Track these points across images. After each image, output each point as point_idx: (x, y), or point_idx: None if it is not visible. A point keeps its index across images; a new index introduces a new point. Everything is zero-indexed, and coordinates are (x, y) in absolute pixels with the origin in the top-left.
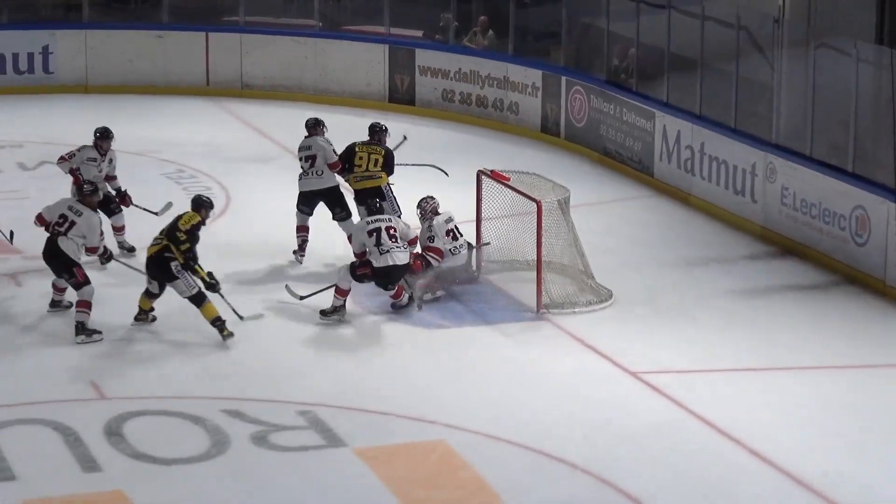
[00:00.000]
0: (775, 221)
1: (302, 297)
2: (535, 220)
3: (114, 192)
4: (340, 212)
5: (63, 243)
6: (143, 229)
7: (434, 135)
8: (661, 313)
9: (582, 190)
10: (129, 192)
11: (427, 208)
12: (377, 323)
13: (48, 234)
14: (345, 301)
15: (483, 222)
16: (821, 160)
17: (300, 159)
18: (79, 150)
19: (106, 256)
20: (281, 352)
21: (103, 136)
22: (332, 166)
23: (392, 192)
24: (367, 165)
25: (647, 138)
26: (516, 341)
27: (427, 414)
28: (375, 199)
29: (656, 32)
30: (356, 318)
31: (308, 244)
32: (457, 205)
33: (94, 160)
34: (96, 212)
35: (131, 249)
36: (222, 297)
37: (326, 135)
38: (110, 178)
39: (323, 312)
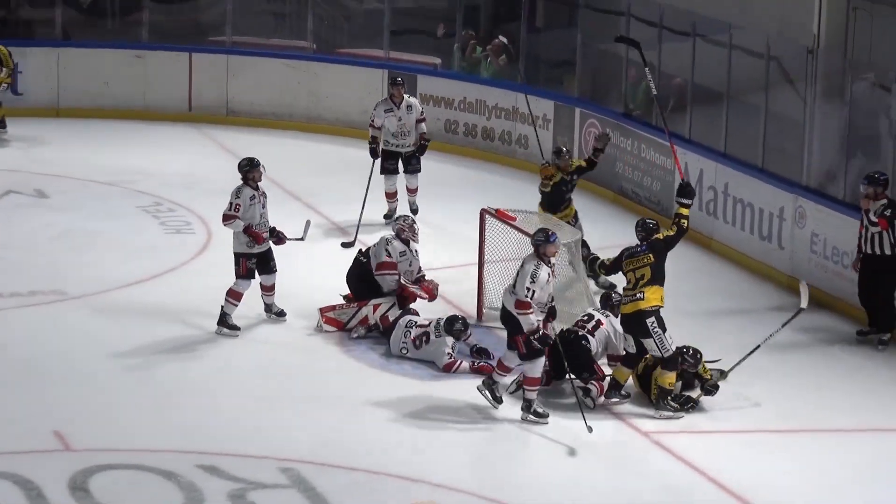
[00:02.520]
0: (804, 270)
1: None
2: None
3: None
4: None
5: None
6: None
7: (436, 170)
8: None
9: (595, 232)
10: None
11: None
12: (366, 373)
13: None
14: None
15: (486, 265)
16: (855, 205)
17: None
18: (236, 195)
19: None
20: (261, 403)
21: (252, 165)
22: None
23: None
24: None
25: (667, 177)
26: (518, 395)
27: (418, 473)
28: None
29: (679, 62)
30: (343, 369)
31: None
32: (458, 246)
33: (254, 199)
34: None
35: (281, 314)
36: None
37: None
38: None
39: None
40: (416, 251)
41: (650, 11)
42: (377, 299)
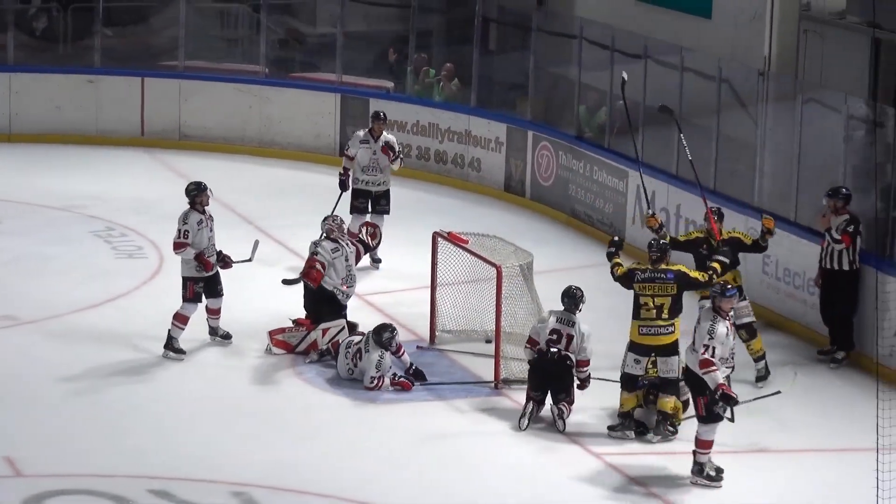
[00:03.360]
0: (756, 292)
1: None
2: (495, 286)
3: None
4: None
5: None
6: None
7: None
8: None
9: (547, 255)
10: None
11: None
12: (319, 397)
13: None
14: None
15: (438, 288)
16: (806, 225)
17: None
18: (184, 221)
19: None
20: (212, 427)
21: (199, 189)
22: None
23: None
24: None
25: (620, 199)
26: (472, 419)
27: (372, 497)
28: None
29: (631, 84)
30: (293, 392)
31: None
32: (410, 269)
33: (202, 223)
34: None
35: (226, 337)
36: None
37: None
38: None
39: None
40: (349, 246)
41: (602, 34)
42: (326, 323)
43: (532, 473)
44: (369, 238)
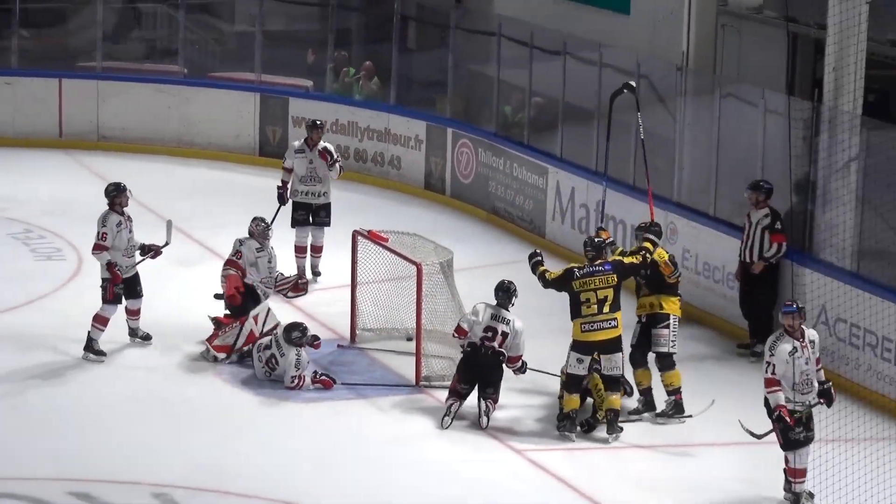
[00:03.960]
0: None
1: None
2: (416, 284)
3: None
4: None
5: None
6: None
7: None
8: (552, 387)
9: (468, 252)
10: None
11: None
12: (239, 396)
13: None
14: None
15: (358, 287)
16: (725, 220)
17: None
18: (103, 223)
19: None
20: (132, 428)
21: (119, 190)
22: None
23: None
24: None
25: (540, 196)
26: (393, 417)
27: (293, 496)
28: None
29: (550, 81)
30: (213, 392)
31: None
32: (330, 267)
33: (121, 224)
34: None
35: (146, 338)
36: None
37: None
38: None
39: None
40: (273, 251)
41: (521, 32)
42: (254, 310)
43: (454, 471)
44: (292, 288)
